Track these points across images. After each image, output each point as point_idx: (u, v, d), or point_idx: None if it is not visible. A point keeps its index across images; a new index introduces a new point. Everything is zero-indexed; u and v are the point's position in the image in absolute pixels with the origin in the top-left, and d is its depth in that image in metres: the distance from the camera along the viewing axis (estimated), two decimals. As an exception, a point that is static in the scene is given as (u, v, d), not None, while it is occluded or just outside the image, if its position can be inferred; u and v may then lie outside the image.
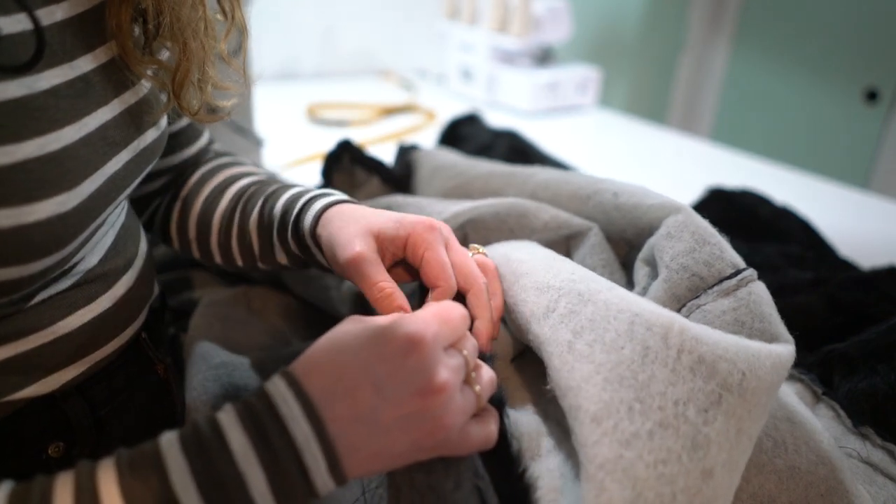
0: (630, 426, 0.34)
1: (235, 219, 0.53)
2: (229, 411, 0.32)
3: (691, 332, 0.37)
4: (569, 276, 0.43)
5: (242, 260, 0.54)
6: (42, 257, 0.35)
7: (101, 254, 0.44)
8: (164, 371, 0.51)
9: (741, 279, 0.45)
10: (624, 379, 0.35)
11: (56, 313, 0.40)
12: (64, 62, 0.37)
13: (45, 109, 0.35)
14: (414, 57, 1.92)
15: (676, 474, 0.32)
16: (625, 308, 0.39)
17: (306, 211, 0.47)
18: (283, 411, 0.31)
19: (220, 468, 0.30)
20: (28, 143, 0.33)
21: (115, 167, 0.40)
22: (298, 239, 0.48)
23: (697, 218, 0.49)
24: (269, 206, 0.51)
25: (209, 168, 0.58)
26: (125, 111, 0.41)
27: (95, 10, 0.40)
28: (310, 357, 0.34)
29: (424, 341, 0.33)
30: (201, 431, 0.31)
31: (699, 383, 0.35)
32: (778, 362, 0.37)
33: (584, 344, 0.38)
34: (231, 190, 0.55)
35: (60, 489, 0.29)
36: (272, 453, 0.30)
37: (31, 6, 0.34)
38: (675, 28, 2.23)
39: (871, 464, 0.47)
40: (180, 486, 0.29)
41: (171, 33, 0.42)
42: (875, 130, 1.89)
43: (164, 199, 0.58)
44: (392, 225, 0.44)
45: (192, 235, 0.56)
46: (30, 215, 0.33)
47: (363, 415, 0.31)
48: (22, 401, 0.40)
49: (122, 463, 0.30)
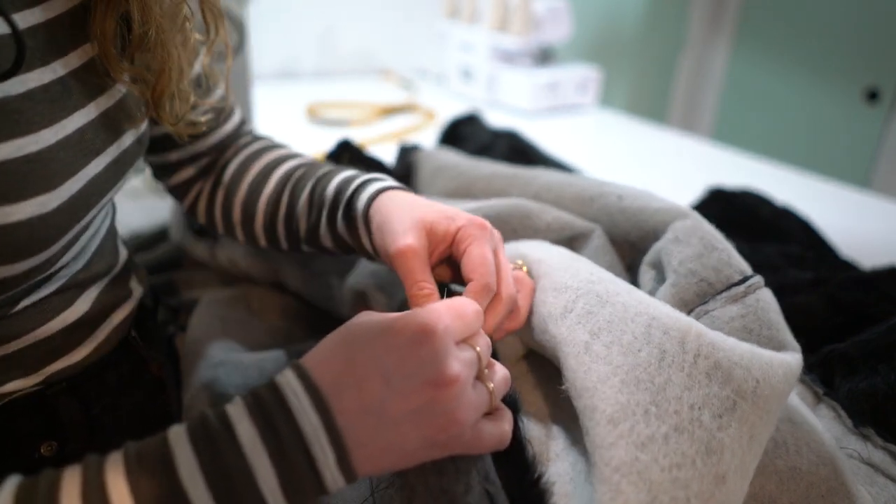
0: (646, 429, 0.34)
1: (283, 201, 0.54)
2: (238, 403, 0.31)
3: (707, 337, 0.37)
4: (587, 276, 0.43)
5: (288, 242, 0.55)
6: (24, 258, 0.35)
7: (85, 259, 0.44)
8: (159, 369, 0.52)
9: (749, 286, 0.45)
10: (641, 382, 0.35)
11: (37, 319, 0.41)
12: (40, 66, 0.37)
13: (22, 112, 0.35)
14: (414, 57, 1.92)
15: (691, 478, 0.33)
16: (643, 311, 0.39)
17: (360, 193, 0.47)
18: (291, 402, 0.31)
19: (229, 460, 0.29)
20: (4, 145, 0.33)
21: (96, 170, 0.40)
22: (349, 220, 0.48)
23: (705, 223, 0.49)
24: (320, 188, 0.51)
25: (252, 151, 0.58)
26: (103, 115, 0.41)
27: (70, 14, 0.40)
28: (320, 349, 0.34)
29: (436, 332, 0.32)
30: (209, 423, 0.31)
31: (715, 389, 0.35)
32: (789, 371, 0.38)
33: (601, 345, 0.38)
34: (277, 172, 0.55)
35: (68, 482, 0.28)
36: (280, 444, 0.30)
37: (8, 10, 0.34)
38: (675, 28, 2.23)
39: (872, 464, 0.47)
40: (188, 478, 0.29)
41: (154, 43, 0.42)
42: (875, 130, 1.89)
43: (206, 184, 0.58)
44: (444, 219, 0.43)
45: (237, 219, 0.56)
46: (10, 216, 0.33)
47: (371, 406, 0.31)
48: (9, 397, 0.40)
49: (130, 456, 0.30)
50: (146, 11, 0.41)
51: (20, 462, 0.41)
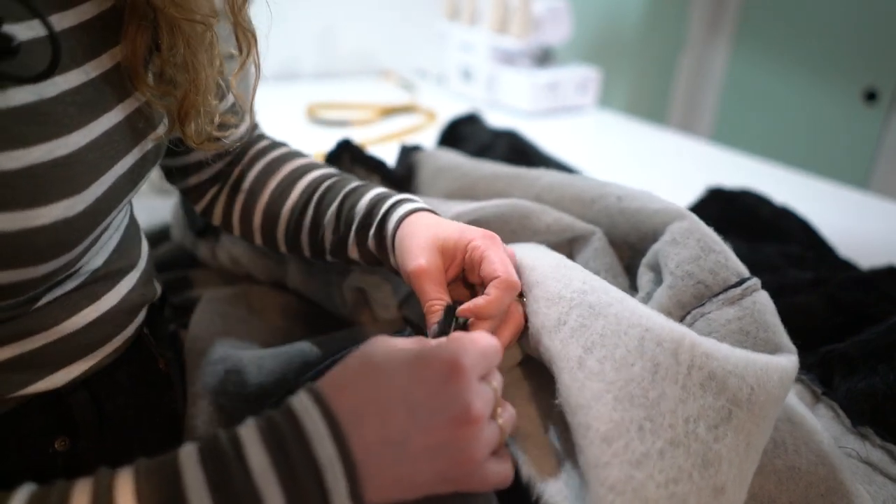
0: (640, 446, 0.33)
1: (308, 212, 0.54)
2: (250, 427, 0.31)
3: (701, 347, 0.37)
4: (580, 285, 0.43)
5: (311, 251, 0.56)
6: (48, 261, 0.35)
7: (105, 255, 0.44)
8: (166, 366, 0.52)
9: (746, 288, 0.45)
10: (634, 397, 0.35)
11: (61, 314, 0.41)
12: (71, 69, 0.37)
13: (53, 115, 0.35)
14: (414, 57, 1.92)
15: (688, 493, 0.32)
16: (636, 322, 0.38)
17: (391, 214, 0.49)
18: (308, 429, 0.31)
19: (238, 486, 0.29)
20: (35, 148, 0.33)
21: (121, 171, 0.40)
22: (380, 239, 0.49)
23: (703, 225, 0.49)
24: (349, 204, 0.52)
25: (274, 157, 0.58)
26: (128, 118, 0.41)
27: (101, 18, 0.40)
28: (339, 375, 0.33)
29: (464, 368, 0.32)
30: (221, 446, 0.31)
31: (709, 400, 0.35)
32: (785, 375, 0.37)
33: (594, 360, 0.37)
34: (302, 182, 0.56)
35: (78, 495, 0.29)
36: (293, 472, 0.30)
37: (44, 14, 0.34)
38: (675, 28, 2.23)
39: (871, 463, 0.47)
40: (197, 500, 0.29)
41: (183, 64, 0.43)
42: (874, 131, 1.89)
43: (224, 188, 0.59)
44: (456, 233, 0.45)
45: (258, 224, 0.57)
46: (36, 219, 0.33)
47: (393, 439, 0.31)
48: (28, 396, 0.40)
49: (140, 472, 0.30)
50: (175, 32, 0.41)
51: (35, 456, 0.42)
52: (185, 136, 0.46)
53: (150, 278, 0.50)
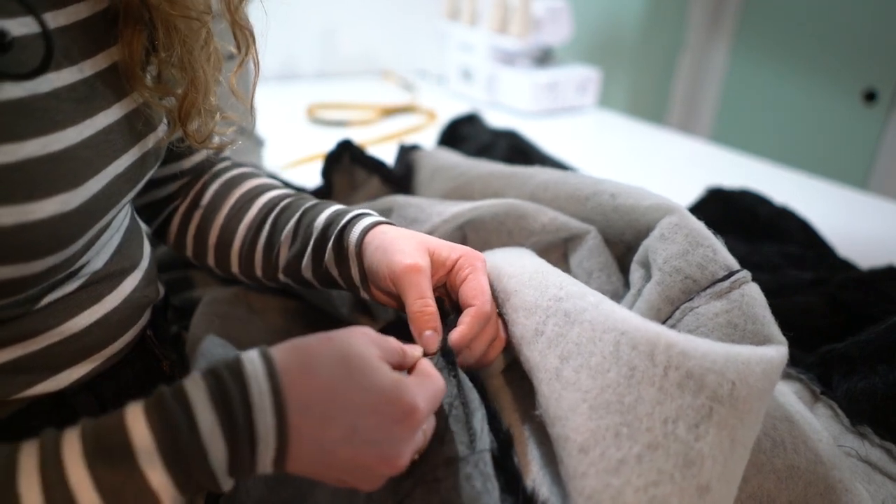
0: (616, 453, 0.34)
1: (264, 229, 0.54)
2: (199, 385, 0.33)
3: (678, 347, 0.36)
4: (556, 292, 0.43)
5: (262, 270, 0.55)
6: (44, 256, 0.36)
7: (106, 256, 0.44)
8: (170, 367, 0.52)
9: (734, 281, 0.44)
10: (610, 404, 0.35)
11: (63, 314, 0.41)
12: (66, 66, 0.37)
13: (47, 111, 0.35)
14: (414, 57, 1.92)
15: (669, 494, 0.32)
16: (611, 327, 0.38)
17: (354, 224, 0.49)
18: (254, 398, 0.32)
19: (188, 448, 0.32)
20: (29, 142, 0.33)
21: (118, 170, 0.40)
22: (340, 250, 0.49)
23: (691, 219, 0.49)
24: (307, 219, 0.52)
25: (233, 175, 0.58)
26: (127, 116, 0.41)
27: (99, 17, 0.40)
28: (307, 363, 0.34)
29: (415, 419, 0.34)
30: (167, 404, 0.32)
31: (688, 399, 0.35)
32: (769, 367, 0.37)
33: (570, 370, 0.38)
34: (260, 200, 0.56)
35: (25, 458, 0.30)
36: (235, 434, 0.32)
37: (38, 10, 0.35)
38: (675, 28, 2.23)
39: (870, 462, 0.47)
40: (147, 462, 0.31)
41: (180, 63, 0.43)
42: (874, 131, 1.89)
43: (180, 206, 0.58)
44: (445, 248, 0.47)
45: (213, 242, 0.56)
46: (32, 213, 0.33)
47: (323, 443, 0.33)
48: (31, 398, 0.40)
49: (87, 436, 0.31)
50: (171, 32, 0.42)
51: None
52: (187, 136, 0.46)
53: (152, 279, 0.50)
